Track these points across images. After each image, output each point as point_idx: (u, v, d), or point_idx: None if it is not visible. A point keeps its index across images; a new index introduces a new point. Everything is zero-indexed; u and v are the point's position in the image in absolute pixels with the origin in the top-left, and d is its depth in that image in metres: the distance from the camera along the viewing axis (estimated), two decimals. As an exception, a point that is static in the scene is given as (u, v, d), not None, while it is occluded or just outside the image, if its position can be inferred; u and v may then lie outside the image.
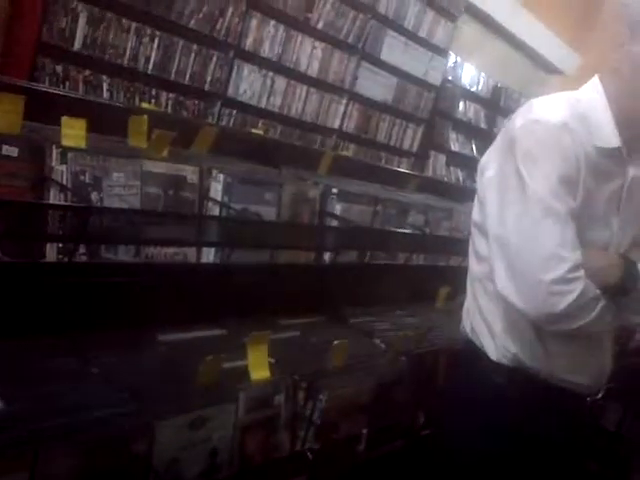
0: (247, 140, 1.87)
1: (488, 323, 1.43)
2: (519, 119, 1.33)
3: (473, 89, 5.49)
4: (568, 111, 1.31)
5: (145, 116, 1.46)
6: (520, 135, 1.30)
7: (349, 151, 4.14)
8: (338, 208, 1.79)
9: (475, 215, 1.47)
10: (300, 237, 1.64)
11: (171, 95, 3.32)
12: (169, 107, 3.26)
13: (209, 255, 1.48)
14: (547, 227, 1.24)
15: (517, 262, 1.27)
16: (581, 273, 1.23)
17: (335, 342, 1.45)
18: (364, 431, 1.41)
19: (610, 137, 1.32)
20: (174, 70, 3.29)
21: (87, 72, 3.01)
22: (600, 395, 1.55)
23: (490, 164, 1.39)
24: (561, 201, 1.25)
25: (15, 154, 1.13)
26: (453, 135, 5.42)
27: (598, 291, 1.25)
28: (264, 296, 1.59)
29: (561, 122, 1.28)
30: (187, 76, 3.35)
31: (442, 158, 5.23)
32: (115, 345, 1.27)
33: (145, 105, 2.80)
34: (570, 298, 1.22)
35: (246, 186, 1.55)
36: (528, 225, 1.25)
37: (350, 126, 4.31)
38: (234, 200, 1.51)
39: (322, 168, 2.05)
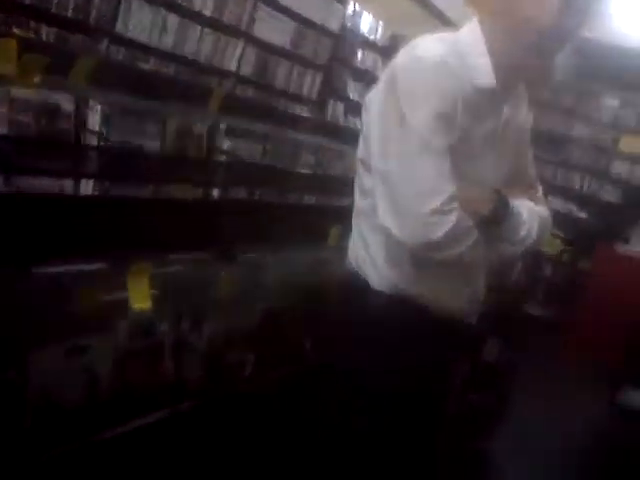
0: (130, 73, 1.80)
1: (371, 255, 1.48)
2: (400, 57, 1.36)
3: (371, 38, 5.51)
4: (447, 50, 1.35)
5: (13, 40, 1.37)
6: (401, 72, 1.33)
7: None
8: (226, 144, 1.77)
9: (360, 151, 1.51)
10: (186, 172, 1.62)
11: (52, 30, 3.10)
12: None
13: (87, 188, 1.43)
14: (425, 162, 1.29)
15: (397, 195, 1.32)
16: (455, 205, 1.30)
17: (222, 273, 1.46)
18: (250, 357, 1.44)
19: (486, 77, 1.38)
20: (55, 1, 3.06)
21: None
22: (473, 320, 1.65)
23: (374, 101, 1.41)
24: (439, 136, 1.30)
25: None
26: (352, 84, 5.44)
27: (471, 222, 1.33)
28: (147, 231, 1.56)
29: (440, 60, 1.32)
30: (70, 9, 3.13)
31: (340, 106, 5.25)
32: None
33: (17, 32, 2.60)
34: (445, 228, 1.29)
35: (127, 118, 1.50)
36: (407, 160, 1.30)
37: (247, 70, 4.22)
38: (114, 132, 1.46)
39: (212, 106, 2.01)
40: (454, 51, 1.36)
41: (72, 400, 1.09)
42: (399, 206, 1.32)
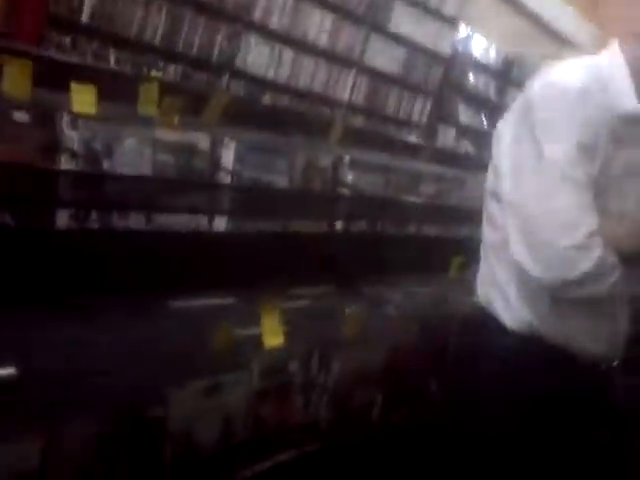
0: (257, 109, 1.84)
1: (502, 291, 1.42)
2: (536, 84, 1.30)
3: (483, 61, 5.39)
4: (586, 76, 1.28)
5: (155, 83, 1.44)
6: (537, 100, 1.27)
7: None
8: (350, 177, 1.77)
9: (490, 182, 1.45)
10: (312, 206, 1.62)
11: (178, 67, 3.27)
12: (177, 79, 3.22)
13: (221, 224, 1.47)
14: (563, 193, 1.22)
15: (531, 228, 1.25)
16: (597, 240, 1.21)
17: (348, 310, 1.44)
18: (378, 398, 1.41)
19: (630, 103, 1.29)
20: (181, 42, 3.24)
21: (95, 44, 2.97)
22: (615, 364, 1.54)
23: (506, 130, 1.36)
24: (578, 167, 1.23)
25: (26, 120, 1.11)
26: (462, 107, 5.34)
27: (615, 258, 1.23)
28: (276, 265, 1.58)
29: (579, 87, 1.25)
30: (194, 48, 3.30)
31: (451, 131, 5.15)
32: (127, 313, 1.26)
33: (155, 74, 2.77)
34: (586, 265, 1.20)
35: (257, 154, 1.53)
36: (544, 191, 1.23)
37: (359, 98, 4.24)
38: (245, 169, 1.49)
39: (332, 138, 2.02)
40: (594, 77, 1.29)
41: (209, 438, 1.10)
42: (534, 240, 1.24)
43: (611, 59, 1.33)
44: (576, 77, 1.27)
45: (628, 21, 1.34)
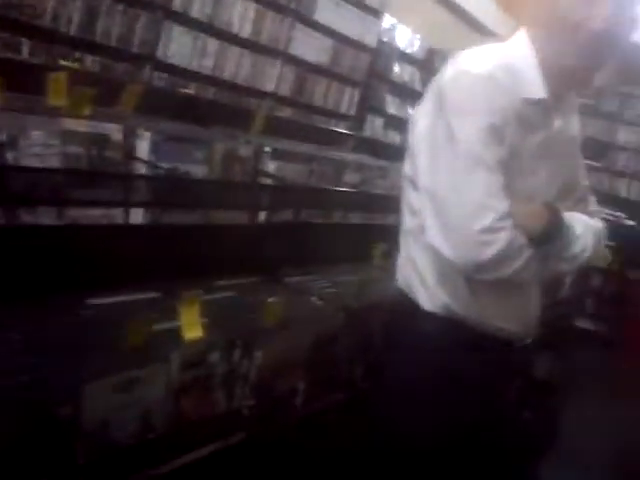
0: (175, 99, 1.81)
1: (420, 274, 1.45)
2: (448, 71, 1.34)
3: (408, 51, 5.49)
4: (495, 62, 1.32)
5: (65, 73, 1.39)
6: (448, 87, 1.31)
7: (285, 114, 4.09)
8: (272, 167, 1.77)
9: (406, 169, 1.48)
10: (233, 196, 1.61)
11: (97, 58, 3.17)
12: (96, 70, 3.12)
13: (137, 216, 1.44)
14: (475, 177, 1.25)
15: (446, 212, 1.28)
16: (508, 223, 1.26)
17: (269, 300, 1.44)
18: (300, 386, 1.42)
19: (536, 88, 1.34)
20: (99, 32, 3.14)
21: (5, 34, 2.84)
22: (529, 341, 1.60)
23: (420, 117, 1.39)
24: (489, 151, 1.27)
25: None
26: (389, 98, 5.42)
27: (524, 240, 1.28)
28: (197, 257, 1.56)
29: (488, 73, 1.29)
30: (113, 38, 3.21)
31: (379, 121, 5.24)
32: (39, 311, 1.22)
33: (65, 63, 2.67)
34: (497, 247, 1.25)
35: (174, 144, 1.51)
36: (457, 175, 1.27)
37: (285, 89, 4.25)
38: (161, 159, 1.46)
39: (255, 128, 2.02)
40: (503, 64, 1.33)
41: (127, 434, 1.08)
42: (448, 225, 1.28)
43: (518, 45, 1.38)
44: (486, 64, 1.31)
45: (535, 9, 1.38)
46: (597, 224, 1.47)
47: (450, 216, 1.28)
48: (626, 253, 6.05)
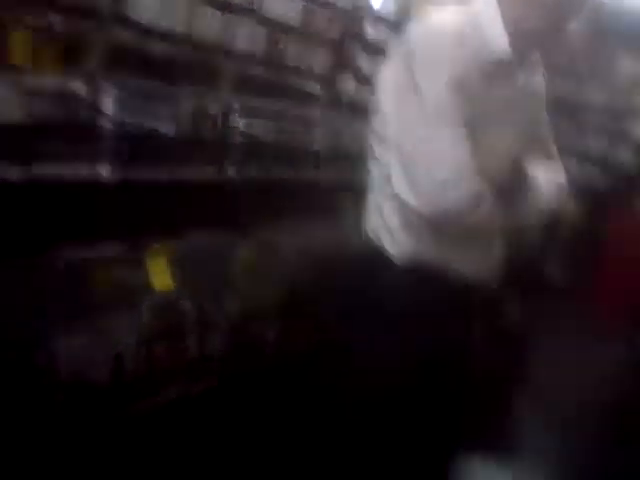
0: (142, 57, 1.80)
1: (387, 223, 1.48)
2: (415, 28, 1.35)
3: (382, 11, 5.43)
4: (461, 20, 1.34)
5: (29, 31, 1.38)
6: (414, 43, 1.32)
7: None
8: (241, 123, 1.77)
9: (374, 123, 1.50)
10: (202, 152, 1.62)
11: (61, 16, 3.10)
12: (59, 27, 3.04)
13: (106, 172, 1.45)
14: (440, 131, 1.29)
15: (411, 164, 1.32)
16: (469, 173, 1.30)
17: (240, 250, 1.47)
18: (271, 333, 1.46)
19: (501, 46, 1.36)
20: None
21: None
22: (494, 286, 1.65)
23: (387, 73, 1.41)
24: (454, 105, 1.30)
25: None
26: (363, 57, 5.38)
27: (488, 191, 1.32)
28: (167, 212, 1.58)
29: (454, 30, 1.31)
30: (80, -5, 3.13)
31: (350, 77, 5.19)
32: (7, 265, 1.24)
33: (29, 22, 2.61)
34: (461, 197, 1.28)
35: (141, 101, 1.51)
36: (422, 128, 1.30)
37: (256, 48, 4.19)
38: (128, 116, 1.46)
39: (224, 85, 2.01)
40: (469, 21, 1.35)
41: (100, 378, 1.12)
42: (414, 176, 1.31)
43: (486, 6, 1.39)
44: (451, 21, 1.33)
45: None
46: (560, 176, 1.51)
47: (415, 167, 1.31)
48: (593, 204, 6.16)
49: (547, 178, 1.45)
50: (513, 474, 2.95)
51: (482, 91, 1.35)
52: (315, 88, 3.10)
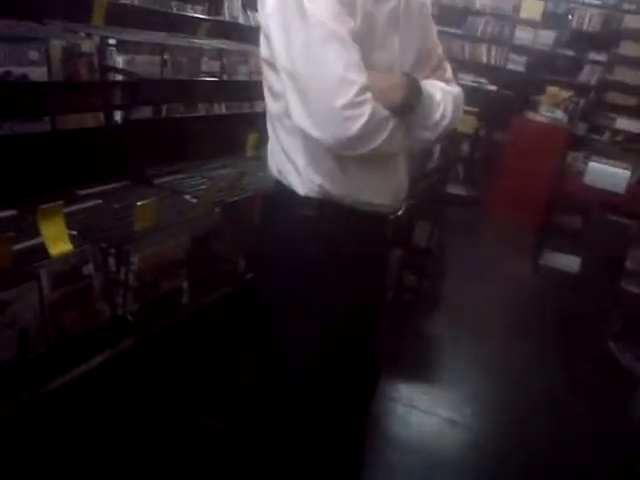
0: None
1: (291, 159, 1.45)
2: None
3: None
4: None
5: None
6: None
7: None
8: (120, 61, 1.63)
9: (263, 51, 1.43)
10: (82, 97, 1.49)
11: None
12: None
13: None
14: (331, 51, 1.24)
15: (308, 91, 1.27)
16: (369, 95, 1.27)
17: (140, 203, 1.39)
18: (185, 284, 1.41)
19: None
20: None
21: None
22: (400, 212, 1.67)
23: None
24: (342, 23, 1.25)
25: None
26: (246, -23, 5.11)
27: (387, 112, 1.30)
28: (54, 168, 1.45)
29: None
30: None
31: (237, 2, 4.95)
32: None
33: None
34: (361, 121, 1.26)
35: (4, 45, 1.34)
36: (313, 52, 1.25)
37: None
38: (-8, 62, 1.30)
39: (96, 18, 1.83)
40: None
41: (5, 357, 1.04)
42: (311, 104, 1.27)
43: None
44: None
45: None
46: (454, 90, 1.51)
47: (311, 94, 1.26)
48: (490, 117, 6.38)
49: (442, 91, 1.45)
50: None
51: (369, 5, 1.32)
52: (197, 12, 2.92)
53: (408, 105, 1.34)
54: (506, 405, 3.07)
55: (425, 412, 2.88)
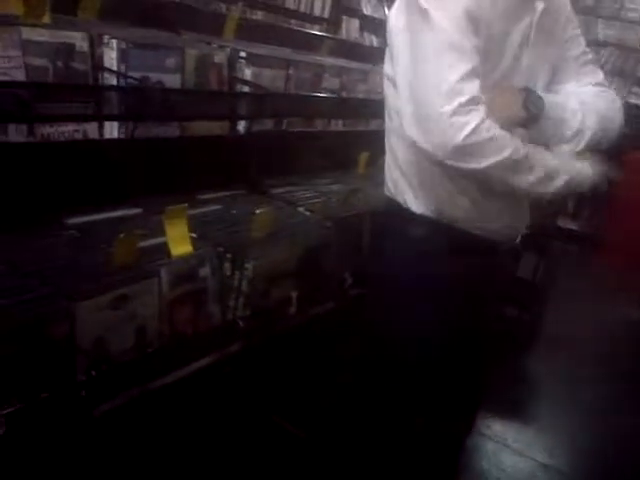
0: (140, 3, 1.69)
1: (407, 177, 1.43)
2: None
3: (383, -52, 5.19)
4: None
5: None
6: None
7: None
8: (248, 73, 1.68)
9: (387, 68, 1.44)
10: (210, 106, 1.54)
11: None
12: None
13: (112, 130, 1.37)
14: (448, 61, 1.22)
15: (420, 98, 1.25)
16: (479, 106, 1.22)
17: (258, 211, 1.41)
18: (293, 295, 1.41)
19: None
20: None
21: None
22: (517, 241, 1.60)
23: (398, 13, 1.34)
24: (465, 36, 1.23)
25: None
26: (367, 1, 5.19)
27: (503, 132, 1.24)
28: (178, 171, 1.51)
29: None
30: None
31: (355, 23, 5.02)
32: (19, 235, 1.18)
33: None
34: (467, 129, 1.21)
35: (144, 52, 1.41)
36: (432, 58, 1.23)
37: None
38: (132, 68, 1.38)
39: (227, 32, 1.90)
40: None
41: (123, 349, 1.07)
42: (420, 110, 1.24)
43: None
44: None
45: None
46: (604, 97, 1.42)
47: (423, 101, 1.24)
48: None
49: (582, 98, 1.37)
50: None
51: (500, 22, 1.29)
52: (320, 33, 2.98)
53: (528, 116, 1.28)
54: (601, 454, 2.86)
55: (518, 453, 2.74)
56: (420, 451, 1.55)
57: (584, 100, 1.35)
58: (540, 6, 1.33)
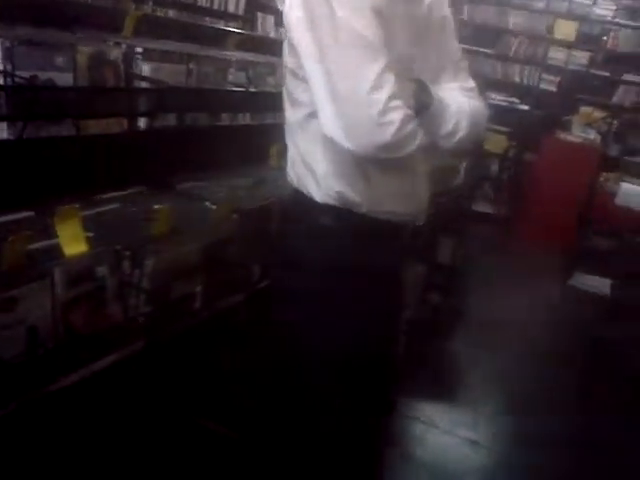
0: (32, 2, 1.64)
1: (310, 167, 1.45)
2: None
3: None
4: None
5: None
6: None
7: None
8: (146, 69, 1.66)
9: (287, 60, 1.44)
10: (105, 103, 1.52)
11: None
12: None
13: (1, 132, 1.33)
14: (364, 59, 1.24)
15: (341, 98, 1.26)
16: (399, 101, 1.26)
17: (156, 207, 1.40)
18: (197, 289, 1.42)
19: None
20: None
21: None
22: (421, 223, 1.65)
23: (296, 3, 1.34)
24: (373, 32, 1.25)
25: None
26: (279, -6, 5.19)
27: (415, 118, 1.29)
28: (76, 172, 1.48)
29: None
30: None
31: (270, 19, 5.03)
32: None
33: None
34: (393, 128, 1.24)
35: (32, 50, 1.38)
36: (345, 60, 1.25)
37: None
38: (19, 67, 1.34)
39: (126, 30, 1.87)
40: None
41: (13, 352, 1.05)
42: (344, 112, 1.26)
43: None
44: None
45: None
46: (473, 103, 1.50)
47: (346, 104, 1.26)
48: (521, 137, 6.31)
49: (459, 102, 1.44)
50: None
51: (395, 12, 1.33)
52: (226, 28, 2.97)
53: (417, 106, 1.34)
54: (522, 428, 3.01)
55: (445, 432, 2.85)
56: (340, 438, 1.58)
57: (460, 104, 1.42)
58: (427, 2, 1.38)
